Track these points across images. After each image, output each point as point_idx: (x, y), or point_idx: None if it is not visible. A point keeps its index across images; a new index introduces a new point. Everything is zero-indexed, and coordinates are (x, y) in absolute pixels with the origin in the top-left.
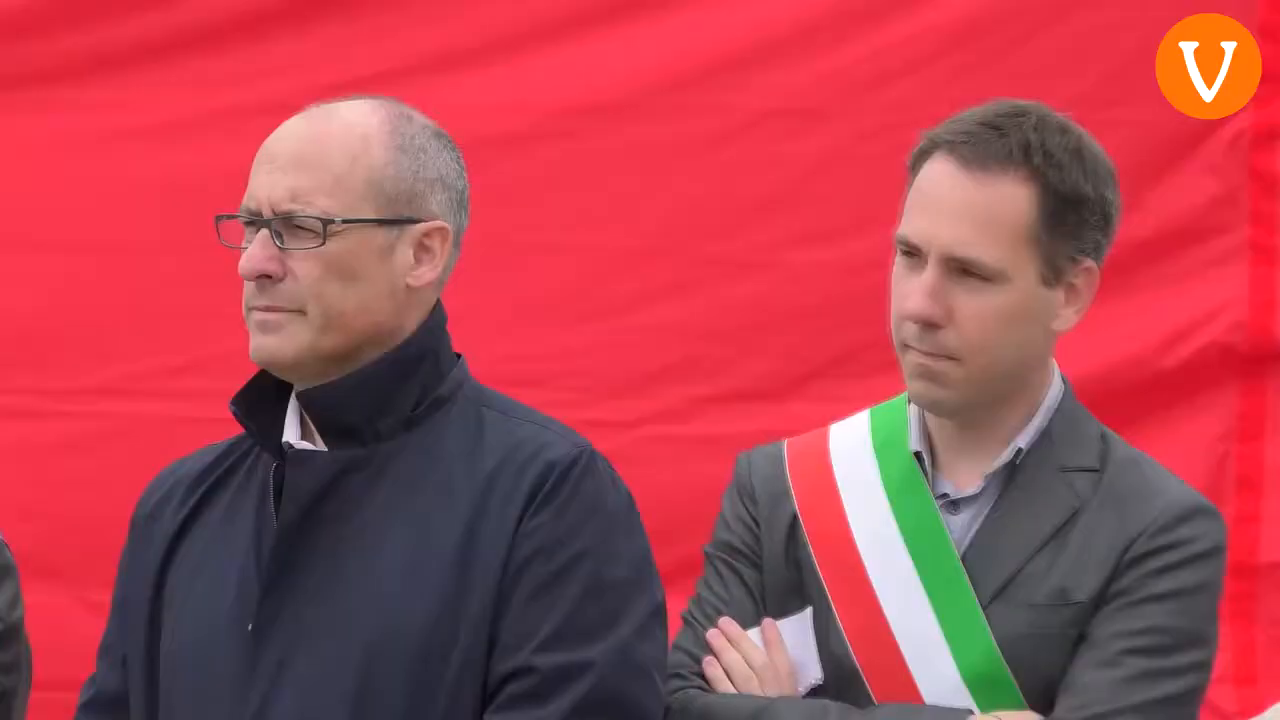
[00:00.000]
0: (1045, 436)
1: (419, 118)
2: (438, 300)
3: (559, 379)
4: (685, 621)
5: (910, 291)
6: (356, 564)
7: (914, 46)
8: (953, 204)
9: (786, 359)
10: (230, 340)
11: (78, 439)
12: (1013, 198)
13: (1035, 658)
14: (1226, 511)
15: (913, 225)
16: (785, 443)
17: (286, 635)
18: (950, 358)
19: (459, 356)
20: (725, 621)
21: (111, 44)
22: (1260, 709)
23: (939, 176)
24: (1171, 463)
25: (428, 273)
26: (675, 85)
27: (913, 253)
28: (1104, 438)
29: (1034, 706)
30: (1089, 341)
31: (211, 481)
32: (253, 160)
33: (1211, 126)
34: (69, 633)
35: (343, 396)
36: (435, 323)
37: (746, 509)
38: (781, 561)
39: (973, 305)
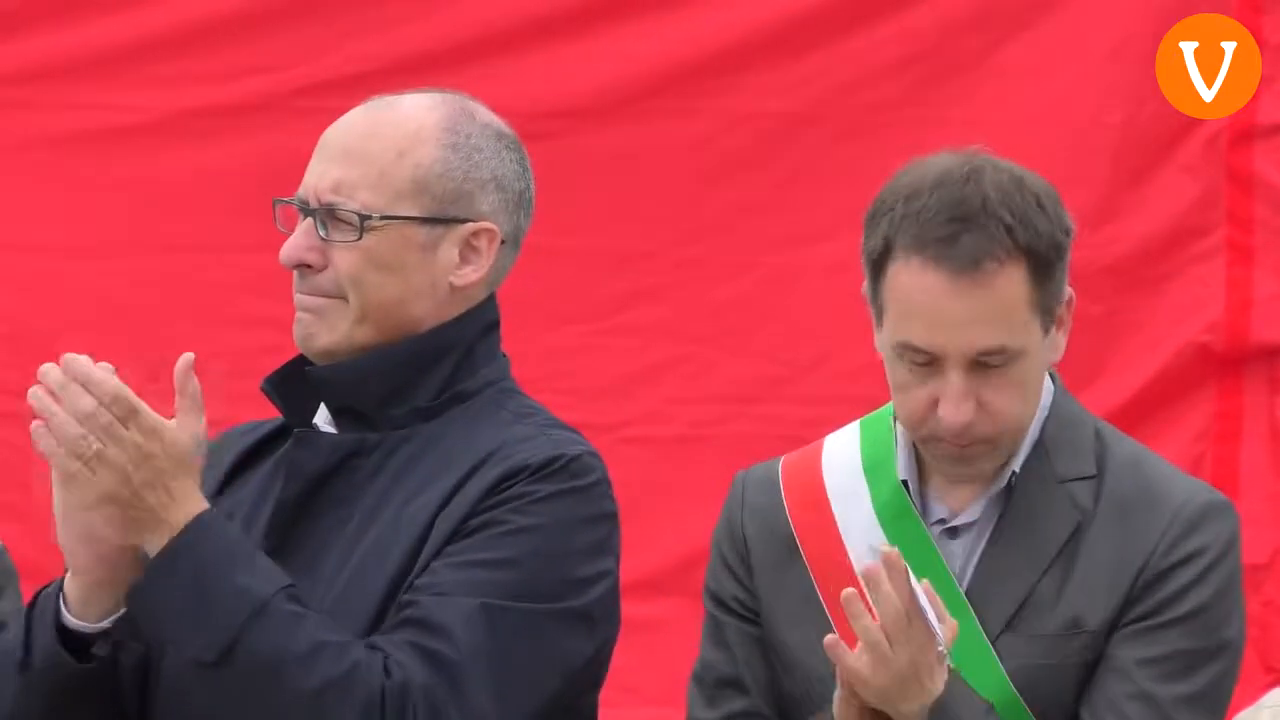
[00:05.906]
0: (1038, 448)
1: (483, 116)
2: (487, 300)
3: (541, 382)
4: (692, 679)
5: (936, 401)
6: (339, 550)
7: (893, 48)
8: (962, 313)
9: (767, 361)
10: (209, 342)
11: None
12: (1012, 283)
13: (1049, 687)
14: None
15: (921, 336)
16: (780, 463)
17: None
18: (985, 442)
19: (503, 357)
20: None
21: (79, 46)
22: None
23: (932, 288)
24: None
25: (473, 273)
26: (655, 88)
27: (923, 359)
28: (1099, 435)
29: None
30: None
31: (258, 453)
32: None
33: (1188, 128)
34: None
35: (350, 376)
36: (474, 319)
37: (735, 551)
38: (785, 582)
39: (1001, 390)
